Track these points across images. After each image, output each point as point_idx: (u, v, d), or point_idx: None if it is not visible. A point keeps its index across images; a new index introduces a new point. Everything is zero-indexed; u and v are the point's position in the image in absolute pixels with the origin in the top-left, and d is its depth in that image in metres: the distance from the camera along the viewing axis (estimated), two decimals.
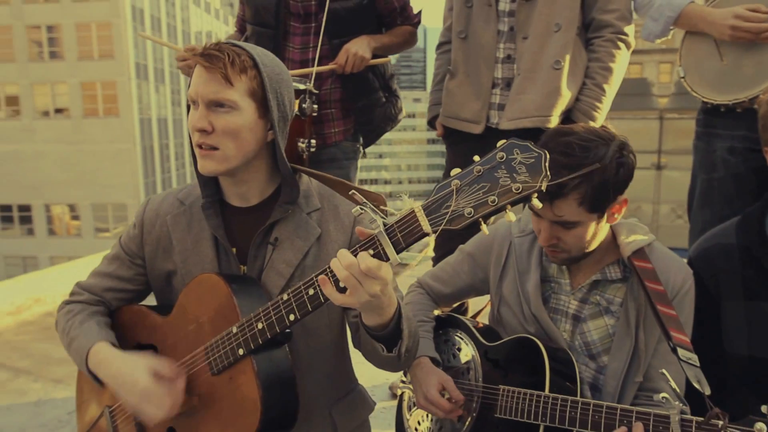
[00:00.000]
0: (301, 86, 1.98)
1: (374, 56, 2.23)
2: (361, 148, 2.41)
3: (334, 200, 1.42)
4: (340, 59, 2.12)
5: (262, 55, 1.31)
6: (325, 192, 1.44)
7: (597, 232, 1.45)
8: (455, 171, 1.09)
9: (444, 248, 2.00)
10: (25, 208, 30.91)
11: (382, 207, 1.15)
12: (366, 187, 1.28)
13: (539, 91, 2.02)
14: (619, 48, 2.04)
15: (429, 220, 1.06)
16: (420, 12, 2.40)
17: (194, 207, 1.42)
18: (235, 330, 1.25)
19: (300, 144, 1.99)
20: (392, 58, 2.41)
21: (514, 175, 1.04)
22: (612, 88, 2.06)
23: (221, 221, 1.39)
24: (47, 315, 5.44)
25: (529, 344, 1.48)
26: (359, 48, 2.13)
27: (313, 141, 2.06)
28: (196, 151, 1.30)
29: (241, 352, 1.25)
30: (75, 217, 31.93)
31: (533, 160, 1.03)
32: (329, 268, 1.12)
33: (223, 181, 1.39)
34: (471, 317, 1.91)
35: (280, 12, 2.18)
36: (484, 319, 1.80)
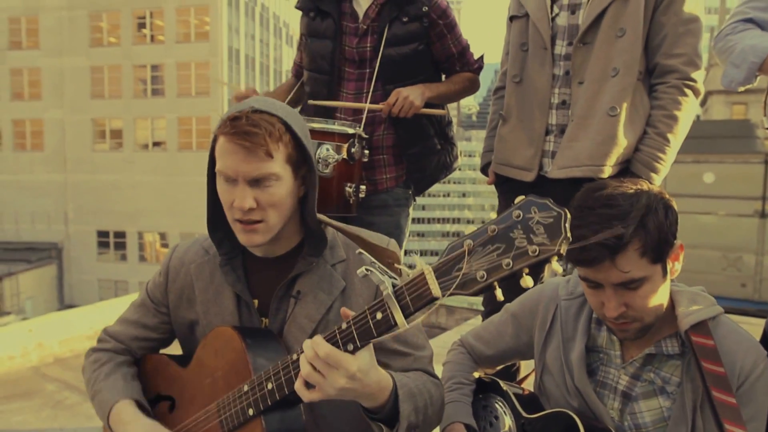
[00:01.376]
0: (350, 130, 1.94)
1: (430, 105, 2.17)
2: (412, 196, 2.35)
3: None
4: (390, 100, 2.09)
5: (285, 112, 1.27)
6: (351, 243, 1.38)
7: (665, 290, 1.31)
8: (469, 229, 1.02)
9: (495, 303, 1.89)
10: (120, 235, 32.79)
11: (396, 265, 1.09)
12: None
13: (592, 139, 1.89)
14: (685, 95, 1.88)
15: (439, 283, 0.99)
16: (482, 57, 2.32)
17: (218, 257, 1.39)
18: (246, 388, 1.21)
19: (347, 189, 1.96)
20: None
21: (531, 236, 0.94)
22: (677, 139, 1.90)
23: (242, 274, 1.36)
24: None
25: (567, 420, 1.34)
26: (411, 93, 2.08)
27: (362, 186, 2.03)
28: (236, 225, 1.26)
29: (251, 412, 1.20)
30: (164, 245, 33.48)
31: (552, 219, 0.93)
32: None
33: None
34: (517, 382, 1.78)
35: (335, 58, 2.18)
36: (531, 385, 1.68)
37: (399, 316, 1.01)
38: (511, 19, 2.13)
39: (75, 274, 32.36)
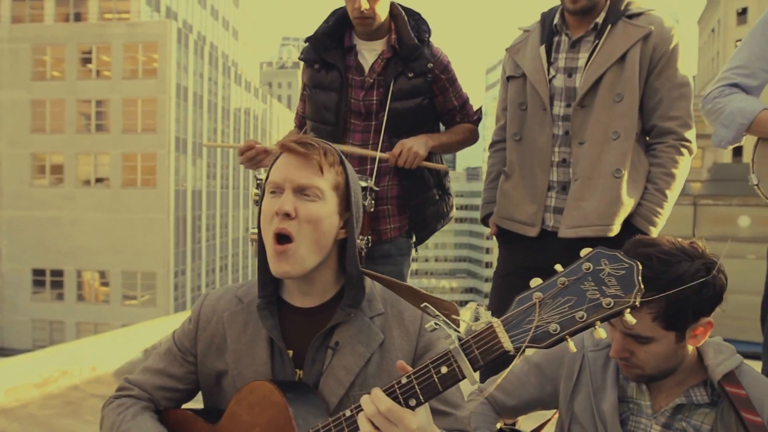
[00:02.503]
0: (363, 183, 1.97)
1: (431, 156, 2.22)
2: (413, 245, 2.37)
3: (398, 305, 1.34)
4: (395, 151, 2.12)
5: (344, 156, 1.32)
6: (389, 296, 1.36)
7: (677, 353, 1.34)
8: (535, 281, 1.02)
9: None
10: (57, 273, 31.38)
11: (453, 316, 1.08)
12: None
13: (600, 199, 1.97)
14: (682, 154, 2.00)
15: (510, 336, 0.98)
16: (480, 109, 2.39)
17: (252, 306, 1.36)
18: None
19: (358, 241, 1.96)
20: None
21: (604, 288, 0.96)
22: (674, 194, 2.00)
23: (278, 322, 1.32)
24: (73, 389, 5.36)
25: None
26: (415, 144, 2.13)
27: (369, 237, 2.04)
28: (271, 250, 1.25)
29: None
30: (104, 284, 32.25)
31: (624, 271, 0.95)
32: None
33: (287, 280, 1.34)
34: (533, 430, 1.78)
35: (341, 110, 2.20)
36: None
37: (468, 370, 0.99)
38: (508, 78, 2.21)
39: (7, 315, 30.67)
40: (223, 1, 48.76)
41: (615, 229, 1.97)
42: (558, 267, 1.02)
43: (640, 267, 0.95)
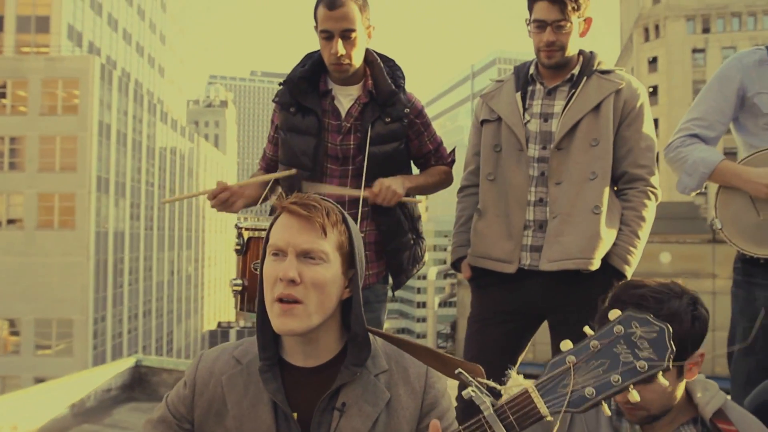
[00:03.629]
0: None
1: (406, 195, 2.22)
2: (390, 291, 2.33)
3: (402, 361, 1.31)
4: (374, 189, 2.11)
5: (345, 213, 1.29)
6: (391, 351, 1.33)
7: (675, 389, 1.38)
8: (566, 344, 1.02)
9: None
10: None
11: (479, 379, 1.06)
12: None
13: (580, 234, 2.03)
14: (650, 199, 2.11)
15: (545, 402, 0.97)
16: (453, 151, 2.42)
17: (252, 367, 1.29)
18: None
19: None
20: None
21: (636, 351, 0.97)
22: (644, 236, 2.10)
23: (281, 384, 1.26)
24: None
25: None
26: (393, 182, 2.13)
27: None
28: (274, 307, 1.20)
29: None
30: (14, 333, 30.19)
31: (656, 334, 0.97)
32: None
33: (288, 339, 1.28)
34: None
35: (318, 155, 2.18)
36: None
37: None
38: (482, 123, 2.28)
39: None
40: (148, 38, 48.01)
41: (596, 264, 2.02)
42: (587, 330, 1.02)
43: (671, 330, 0.97)
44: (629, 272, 2.06)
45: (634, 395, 0.97)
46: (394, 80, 2.20)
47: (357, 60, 2.14)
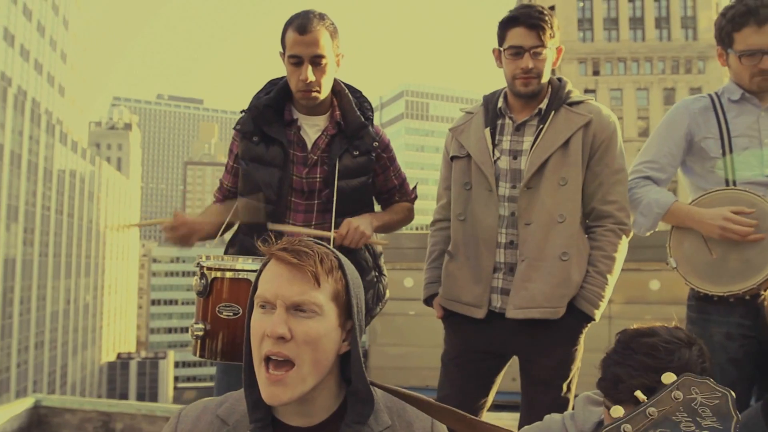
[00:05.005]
0: None
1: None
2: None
3: (405, 415, 1.21)
4: (342, 230, 2.00)
5: (342, 256, 1.17)
6: (393, 405, 1.22)
7: None
8: (616, 411, 0.92)
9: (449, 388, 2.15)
10: None
11: None
12: None
13: (547, 281, 1.99)
14: (620, 237, 2.08)
15: None
16: (416, 187, 2.37)
17: (239, 428, 1.15)
18: None
19: None
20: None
21: (698, 419, 0.89)
22: (614, 277, 2.07)
23: None
24: None
25: None
26: (361, 223, 2.03)
27: None
28: (262, 373, 1.07)
29: None
30: None
31: (718, 400, 0.90)
32: None
33: None
34: None
35: (282, 188, 2.05)
36: None
37: None
38: (452, 158, 2.21)
39: None
40: (48, 56, 45.52)
41: (561, 312, 2.00)
42: (639, 395, 0.93)
43: (734, 395, 0.90)
44: (597, 315, 2.04)
45: None
46: (362, 112, 2.12)
47: (326, 88, 2.04)
